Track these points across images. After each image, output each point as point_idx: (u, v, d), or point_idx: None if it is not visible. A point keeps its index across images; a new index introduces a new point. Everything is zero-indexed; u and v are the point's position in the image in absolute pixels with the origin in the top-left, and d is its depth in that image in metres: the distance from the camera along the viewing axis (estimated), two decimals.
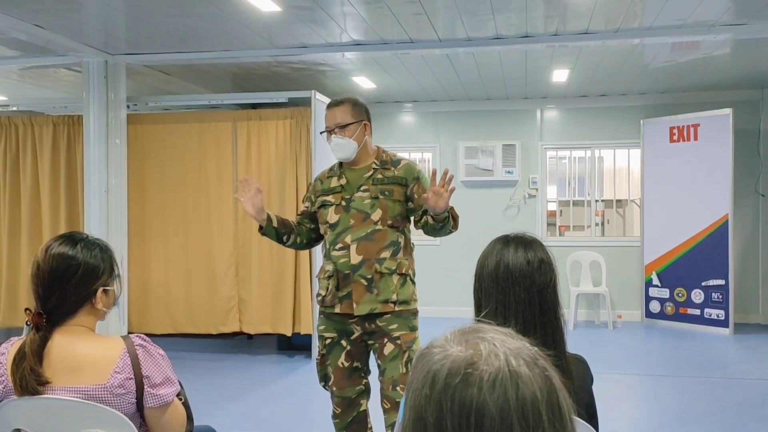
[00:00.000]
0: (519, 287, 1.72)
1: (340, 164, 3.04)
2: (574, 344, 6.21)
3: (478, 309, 1.79)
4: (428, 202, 2.74)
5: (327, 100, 6.21)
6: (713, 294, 7.21)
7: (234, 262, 6.15)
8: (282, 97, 6.22)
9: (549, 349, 1.71)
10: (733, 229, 7.13)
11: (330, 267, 2.92)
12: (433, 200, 2.73)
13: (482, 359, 0.78)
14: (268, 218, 2.99)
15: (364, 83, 7.18)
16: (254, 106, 6.74)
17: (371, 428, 3.07)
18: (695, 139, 7.31)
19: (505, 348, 0.79)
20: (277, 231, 3.01)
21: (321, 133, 3.08)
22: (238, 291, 6.14)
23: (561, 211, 8.98)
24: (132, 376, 1.80)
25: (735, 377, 5.50)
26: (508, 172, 8.20)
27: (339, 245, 2.89)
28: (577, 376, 1.78)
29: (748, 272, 7.77)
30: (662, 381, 5.46)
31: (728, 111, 7.06)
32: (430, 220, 2.85)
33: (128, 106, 6.15)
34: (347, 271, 2.86)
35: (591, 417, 1.79)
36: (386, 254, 2.87)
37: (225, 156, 6.20)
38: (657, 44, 5.62)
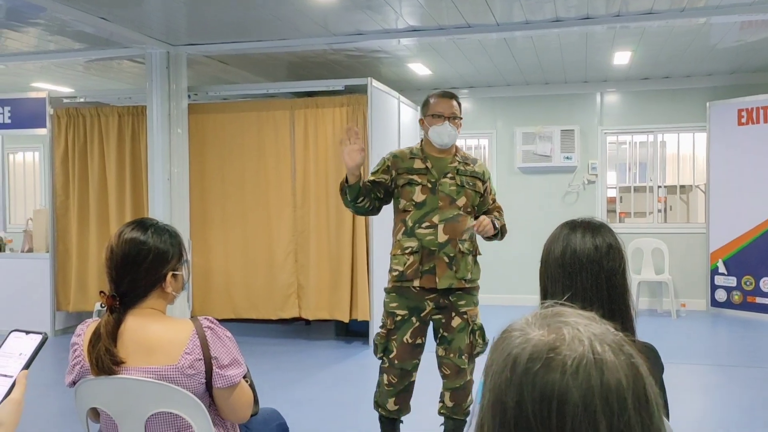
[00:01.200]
0: (586, 273, 1.69)
1: (422, 149, 3.23)
2: (638, 332, 6.04)
3: (544, 295, 1.76)
4: (476, 230, 3.09)
5: (383, 87, 6.31)
6: None
7: (293, 249, 6.22)
8: (338, 84, 6.24)
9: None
10: None
11: (414, 243, 3.09)
12: (480, 230, 3.09)
13: (565, 344, 0.76)
14: (360, 176, 3.09)
15: (420, 70, 7.14)
16: (311, 94, 6.79)
17: None
18: (765, 121, 7.02)
19: (590, 333, 0.77)
20: (359, 190, 3.07)
21: (432, 116, 3.18)
22: (297, 277, 6.22)
23: (621, 197, 8.76)
24: (201, 357, 1.85)
25: None
26: (567, 158, 8.04)
27: (426, 224, 3.09)
28: (647, 360, 1.73)
29: None
30: (731, 371, 5.29)
31: None
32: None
33: (189, 96, 6.28)
34: (433, 248, 3.07)
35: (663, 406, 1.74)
36: (466, 236, 3.14)
37: (283, 144, 6.27)
38: (725, 23, 5.41)
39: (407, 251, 3.10)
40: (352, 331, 6.38)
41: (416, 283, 3.08)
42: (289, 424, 2.40)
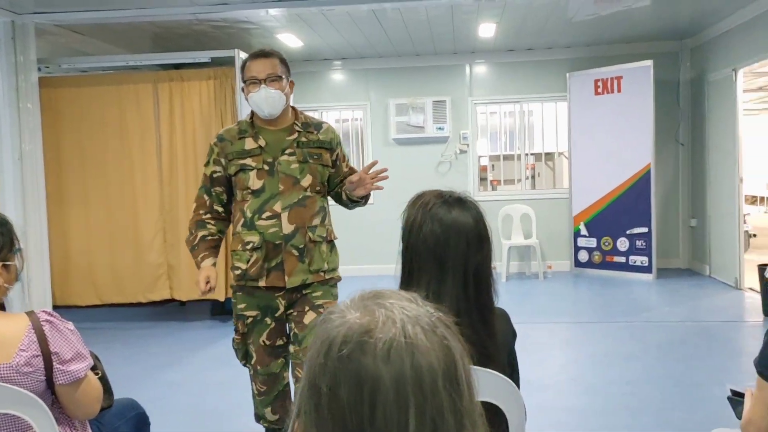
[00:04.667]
0: (458, 265, 1.68)
1: (252, 123, 2.78)
2: (507, 295, 6.36)
3: (408, 275, 1.75)
4: (351, 184, 2.78)
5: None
6: (637, 241, 7.47)
7: (161, 228, 5.99)
8: (204, 56, 6.01)
9: (481, 326, 1.71)
10: (655, 178, 7.37)
11: (255, 238, 2.69)
12: (357, 185, 2.77)
13: (378, 327, 0.75)
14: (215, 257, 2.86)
15: (290, 41, 7.00)
16: (176, 66, 6.49)
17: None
18: (619, 91, 7.46)
19: (403, 315, 0.77)
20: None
21: (246, 82, 2.74)
22: (167, 257, 6.00)
23: (493, 165, 9.09)
24: (39, 353, 1.73)
25: (657, 320, 5.74)
26: (439, 128, 8.20)
27: (267, 213, 2.68)
28: (500, 332, 1.79)
29: (669, 219, 8.07)
30: (590, 327, 5.65)
31: (649, 63, 7.21)
32: (344, 196, 2.89)
33: (40, 69, 5.83)
34: (278, 242, 2.68)
35: (513, 371, 1.81)
36: (317, 221, 2.75)
37: (147, 118, 5.97)
38: None
39: (248, 247, 2.69)
40: (228, 310, 6.22)
41: (262, 282, 2.70)
42: (161, 407, 2.31)
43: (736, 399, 1.86)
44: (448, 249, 1.70)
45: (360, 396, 0.72)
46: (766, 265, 5.74)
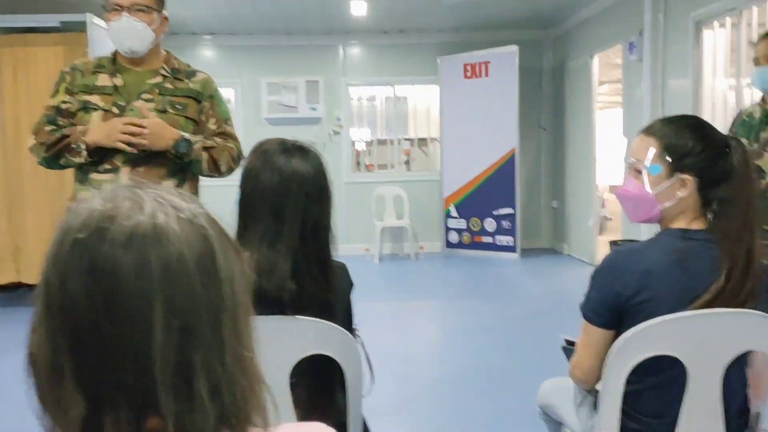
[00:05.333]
0: (296, 216, 1.62)
1: (114, 60, 2.45)
2: (380, 276, 6.37)
3: (243, 226, 1.67)
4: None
5: (106, 25, 5.73)
6: (503, 222, 7.73)
7: (5, 207, 5.52)
8: (53, 21, 5.57)
9: (321, 279, 1.65)
10: (520, 162, 7.65)
11: (88, 195, 2.44)
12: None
13: (122, 213, 0.66)
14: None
15: None
16: (23, 31, 5.98)
17: None
18: (486, 75, 7.67)
19: (156, 203, 0.68)
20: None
21: (106, 8, 2.40)
22: (13, 238, 5.54)
23: (369, 150, 9.11)
24: None
25: (520, 295, 5.97)
26: (312, 108, 8.11)
27: (105, 166, 2.35)
28: (338, 285, 1.74)
29: (532, 201, 8.41)
30: (457, 303, 5.78)
31: (515, 48, 7.45)
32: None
33: None
34: None
35: (348, 320, 1.77)
36: (169, 184, 2.51)
37: None
38: None
39: None
40: None
41: None
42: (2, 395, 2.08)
43: (569, 348, 1.91)
44: (286, 199, 1.63)
45: (94, 287, 0.63)
46: (615, 240, 6.10)
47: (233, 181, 1.82)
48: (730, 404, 1.64)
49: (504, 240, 7.74)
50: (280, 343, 1.59)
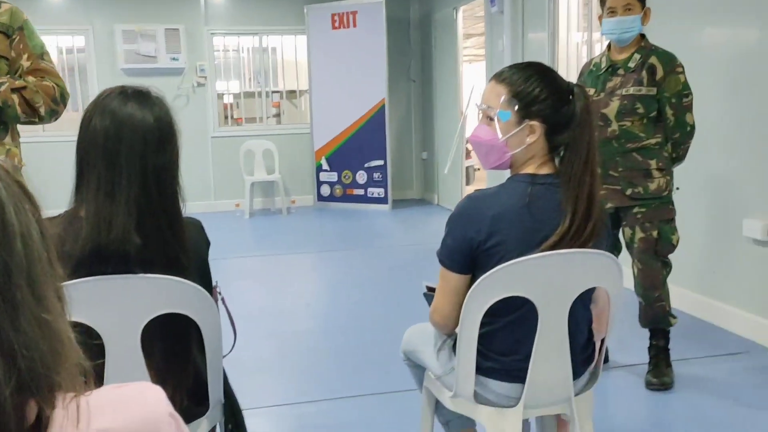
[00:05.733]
0: (134, 164, 1.51)
1: None
2: (251, 231, 6.23)
3: (79, 176, 1.54)
4: None
5: None
6: (374, 174, 7.79)
7: None
8: None
9: (170, 234, 1.56)
10: (389, 113, 7.69)
11: None
12: None
13: None
14: None
15: None
16: None
17: None
18: (354, 26, 7.59)
19: None
20: None
21: None
22: None
23: (237, 103, 8.81)
24: None
25: (392, 246, 6.06)
26: (174, 59, 7.70)
27: None
28: (191, 241, 1.66)
29: (403, 153, 8.52)
30: (329, 256, 5.79)
31: None
32: None
33: None
34: None
35: (206, 281, 1.70)
36: None
37: None
38: None
39: None
40: None
41: None
42: None
43: (430, 294, 1.94)
44: (120, 145, 1.51)
45: None
46: (479, 189, 6.31)
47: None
48: (576, 339, 1.74)
49: (375, 192, 7.81)
50: (127, 303, 1.51)
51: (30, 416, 0.60)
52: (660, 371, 2.91)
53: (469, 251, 1.66)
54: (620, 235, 3.00)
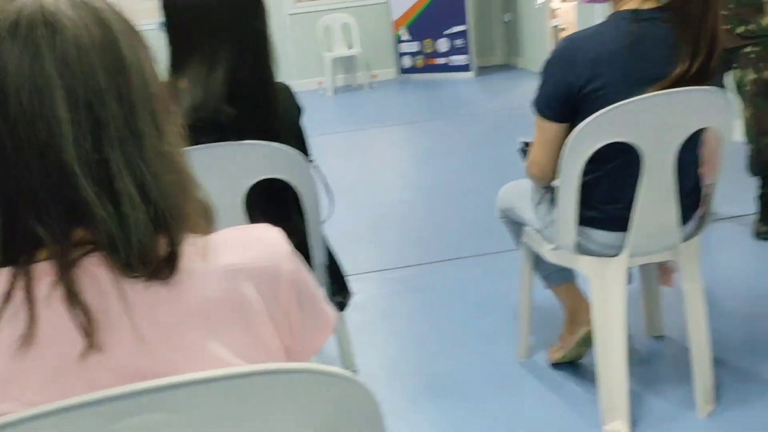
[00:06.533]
0: (233, 30, 1.50)
1: None
2: (335, 108, 6.22)
3: (177, 52, 1.54)
4: None
5: None
6: (456, 41, 7.51)
7: None
8: None
9: (262, 100, 1.56)
10: None
11: None
12: None
13: (5, 4, 0.59)
14: None
15: None
16: None
17: None
18: None
19: None
20: None
21: None
22: None
23: None
24: None
25: (477, 113, 5.93)
26: None
27: None
28: (283, 107, 1.66)
29: (485, 16, 8.14)
30: (415, 127, 5.74)
31: None
32: None
33: None
34: None
35: (301, 147, 1.71)
36: None
37: None
38: None
39: None
40: None
41: None
42: None
43: (526, 149, 1.89)
44: (222, 13, 1.50)
45: None
46: (577, 31, 5.98)
47: None
48: (683, 184, 1.67)
49: (458, 60, 7.57)
50: (227, 170, 1.54)
51: (161, 251, 0.62)
52: None
53: (568, 97, 1.59)
54: (725, 79, 2.79)
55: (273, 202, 1.65)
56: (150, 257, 0.60)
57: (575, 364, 2.11)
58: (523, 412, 1.91)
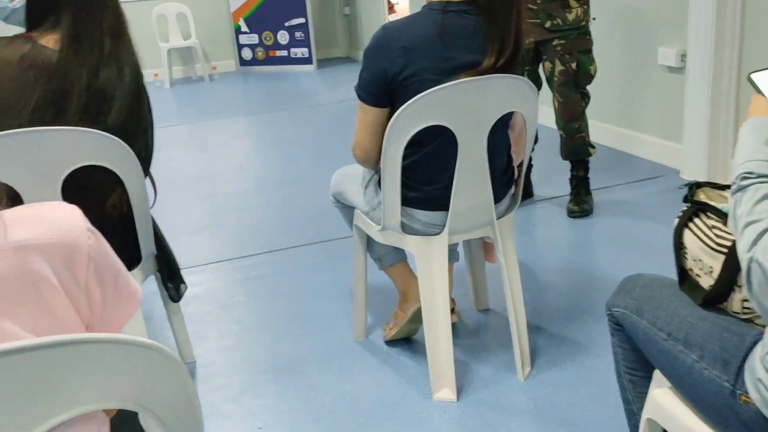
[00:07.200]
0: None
1: None
2: (173, 102, 5.96)
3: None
4: None
5: None
6: (296, 33, 7.52)
7: None
8: None
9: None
10: None
11: None
12: None
13: None
14: None
15: None
16: None
17: None
18: None
19: None
20: None
21: None
22: None
23: None
24: None
25: (318, 105, 5.98)
26: None
27: None
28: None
29: (325, 9, 8.21)
30: (257, 119, 5.69)
31: None
32: None
33: None
34: None
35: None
36: None
37: None
38: None
39: None
40: None
41: None
42: None
43: None
44: None
45: None
46: (392, 21, 6.19)
47: None
48: (495, 165, 1.81)
49: (299, 52, 7.58)
50: (44, 157, 1.47)
51: None
52: (580, 199, 3.07)
53: (384, 84, 1.67)
54: (540, 71, 3.04)
55: (87, 190, 1.59)
56: None
57: (409, 340, 2.22)
58: (360, 390, 1.99)
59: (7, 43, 1.46)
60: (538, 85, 3.05)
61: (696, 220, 1.17)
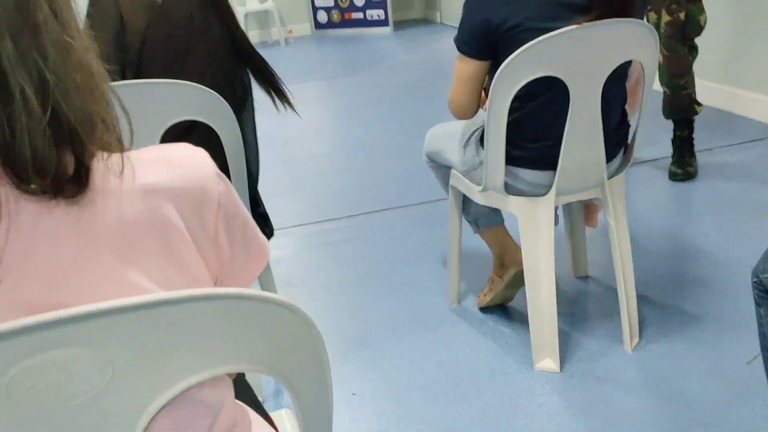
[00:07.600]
0: None
1: None
2: None
3: None
4: None
5: None
6: None
7: None
8: None
9: None
10: None
11: None
12: None
13: None
14: None
15: None
16: None
17: None
18: None
19: None
20: None
21: None
22: None
23: None
24: None
25: (397, 67, 5.86)
26: None
27: None
28: None
29: None
30: (334, 82, 5.62)
31: None
32: None
33: None
34: None
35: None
36: None
37: None
38: None
39: None
40: None
41: None
42: None
43: None
44: None
45: None
46: None
47: None
48: (609, 120, 1.66)
49: (375, 14, 7.45)
50: (148, 109, 1.43)
51: (68, 167, 0.53)
52: (684, 161, 2.87)
53: (487, 35, 1.54)
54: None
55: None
56: (47, 168, 0.51)
57: (504, 308, 2.12)
58: (456, 358, 1.91)
59: None
60: None
61: None
